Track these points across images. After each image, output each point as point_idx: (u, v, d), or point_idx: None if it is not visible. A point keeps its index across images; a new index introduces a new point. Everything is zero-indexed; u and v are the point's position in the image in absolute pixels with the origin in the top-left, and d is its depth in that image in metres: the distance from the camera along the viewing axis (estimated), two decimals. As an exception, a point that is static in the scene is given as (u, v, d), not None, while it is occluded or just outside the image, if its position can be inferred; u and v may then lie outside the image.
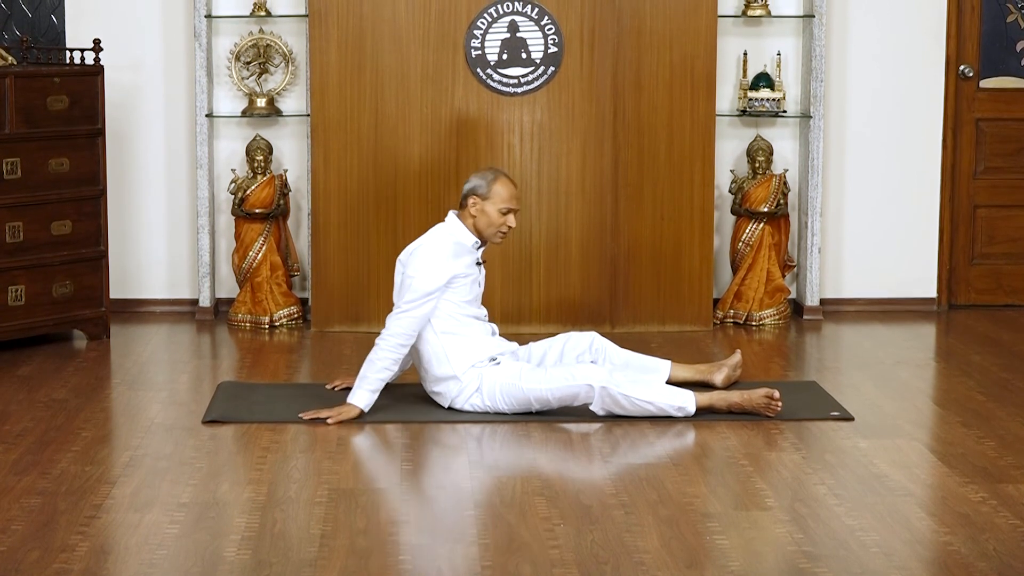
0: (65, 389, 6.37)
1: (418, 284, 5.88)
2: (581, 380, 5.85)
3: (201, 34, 7.53)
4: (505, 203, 6.01)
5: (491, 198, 6.01)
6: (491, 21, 7.41)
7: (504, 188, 6.03)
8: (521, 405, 5.93)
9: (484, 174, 6.08)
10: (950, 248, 8.02)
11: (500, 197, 6.02)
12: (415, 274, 5.90)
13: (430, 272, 5.90)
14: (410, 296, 5.89)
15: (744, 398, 5.93)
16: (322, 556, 4.48)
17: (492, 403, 5.93)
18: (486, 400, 5.93)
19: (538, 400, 5.91)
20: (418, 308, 5.88)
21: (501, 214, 6.01)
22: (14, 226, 6.89)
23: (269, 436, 5.69)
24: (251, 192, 7.54)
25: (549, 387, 5.87)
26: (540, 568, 4.40)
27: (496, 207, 6.01)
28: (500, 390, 5.91)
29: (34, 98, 6.91)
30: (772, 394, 5.91)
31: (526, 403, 5.92)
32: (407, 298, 5.89)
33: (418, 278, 5.89)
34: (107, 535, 4.67)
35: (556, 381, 5.87)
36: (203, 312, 7.69)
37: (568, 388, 5.86)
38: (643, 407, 5.86)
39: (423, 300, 5.88)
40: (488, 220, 6.02)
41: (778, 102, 7.68)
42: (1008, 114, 7.99)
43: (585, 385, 5.85)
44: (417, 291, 5.88)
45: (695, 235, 7.53)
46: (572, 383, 5.86)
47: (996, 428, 5.86)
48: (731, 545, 4.59)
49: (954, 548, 4.58)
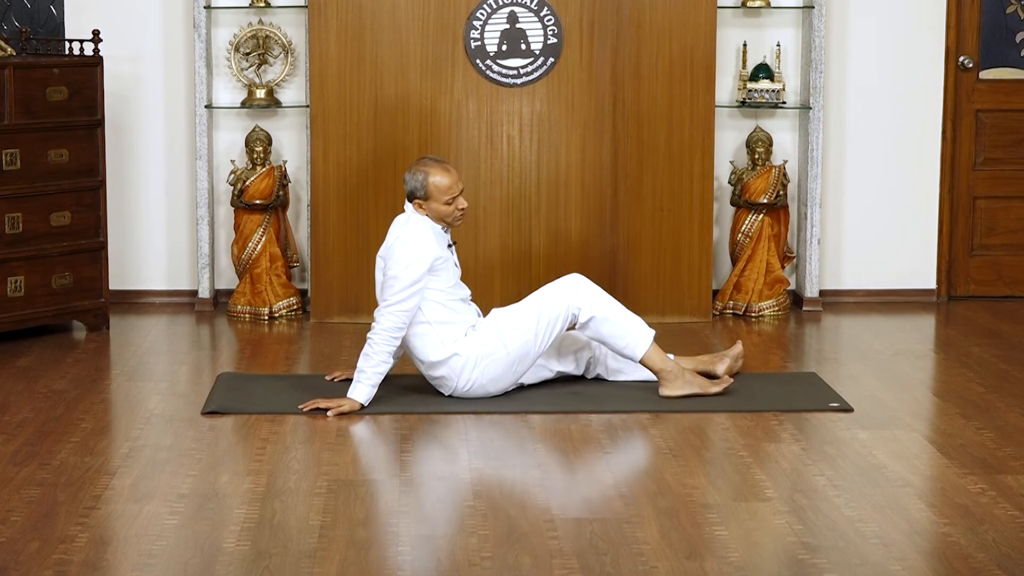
0: (64, 380, 6.37)
1: (404, 275, 5.87)
2: (558, 282, 6.05)
3: (200, 25, 7.53)
4: (445, 195, 5.94)
5: (432, 196, 5.95)
6: (490, 12, 7.40)
7: (440, 180, 5.94)
8: (523, 342, 5.98)
9: (415, 174, 5.97)
10: (949, 239, 8.02)
11: (440, 191, 5.94)
12: (399, 266, 5.89)
13: (413, 261, 5.88)
14: (399, 287, 5.88)
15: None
16: (321, 547, 4.48)
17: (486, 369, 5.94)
18: (482, 370, 5.93)
19: (531, 325, 5.99)
20: (408, 299, 5.87)
21: (447, 205, 5.97)
22: (13, 217, 6.89)
23: (268, 427, 5.69)
24: (250, 183, 7.53)
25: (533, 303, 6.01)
26: (539, 559, 4.40)
27: (440, 202, 5.95)
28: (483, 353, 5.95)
29: (33, 89, 6.91)
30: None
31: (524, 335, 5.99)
32: (396, 289, 5.88)
33: (402, 269, 5.88)
34: (107, 526, 4.67)
35: (535, 297, 6.05)
36: (202, 303, 7.69)
37: (551, 292, 6.02)
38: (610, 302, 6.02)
39: (411, 290, 5.87)
40: (438, 214, 5.99)
41: (778, 93, 7.68)
42: (1008, 105, 7.98)
43: (563, 281, 6.03)
44: (404, 281, 5.87)
45: (694, 226, 7.53)
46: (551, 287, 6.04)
47: (995, 419, 5.86)
48: (730, 536, 4.59)
49: (953, 539, 4.58)
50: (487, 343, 5.96)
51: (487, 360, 5.95)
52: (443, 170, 5.97)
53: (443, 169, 5.97)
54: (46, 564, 4.34)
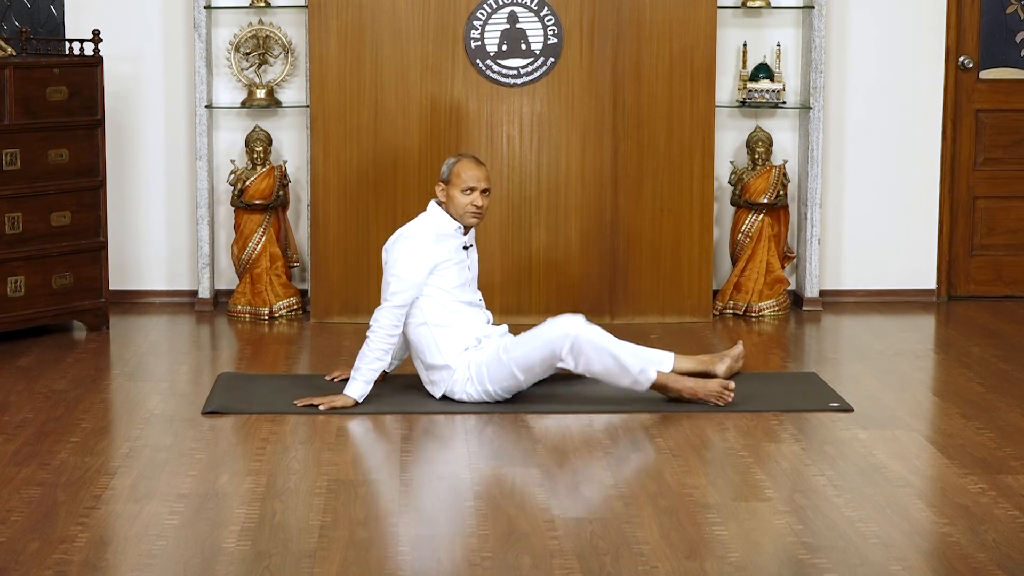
0: (65, 380, 6.37)
1: (401, 274, 5.90)
2: (558, 331, 5.87)
3: (200, 25, 7.53)
4: (465, 183, 5.99)
5: (452, 181, 6.02)
6: (491, 12, 7.40)
7: (465, 169, 6.02)
8: (508, 378, 5.91)
9: (449, 160, 6.11)
10: (950, 239, 8.02)
11: (460, 179, 6.01)
12: (397, 265, 5.93)
13: (411, 262, 5.91)
14: (394, 287, 5.90)
15: (699, 385, 5.95)
16: (321, 547, 4.48)
17: (483, 386, 5.93)
18: (477, 386, 5.93)
19: (520, 367, 5.89)
20: (402, 299, 5.89)
21: (464, 195, 6.00)
22: (13, 217, 6.89)
23: (268, 427, 5.69)
24: (250, 183, 7.54)
25: (527, 348, 5.90)
26: (539, 559, 4.40)
27: (458, 189, 6.00)
28: (487, 370, 5.91)
29: (33, 89, 6.91)
30: (727, 385, 5.94)
31: (511, 375, 5.91)
32: (392, 289, 5.91)
33: (400, 269, 5.91)
34: (106, 526, 4.67)
35: (533, 340, 5.91)
36: (202, 303, 7.69)
37: (546, 344, 5.88)
38: (606, 359, 5.87)
39: (407, 290, 5.89)
40: (455, 203, 6.02)
41: (778, 93, 7.68)
42: (1008, 105, 7.98)
43: (562, 334, 5.86)
44: (400, 281, 5.89)
45: (695, 226, 7.53)
46: (549, 336, 5.88)
47: (995, 419, 5.86)
48: (730, 536, 4.59)
49: (953, 539, 4.58)
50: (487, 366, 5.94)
51: (484, 380, 5.94)
52: (474, 163, 6.07)
53: (475, 163, 6.07)
54: (46, 564, 4.34)
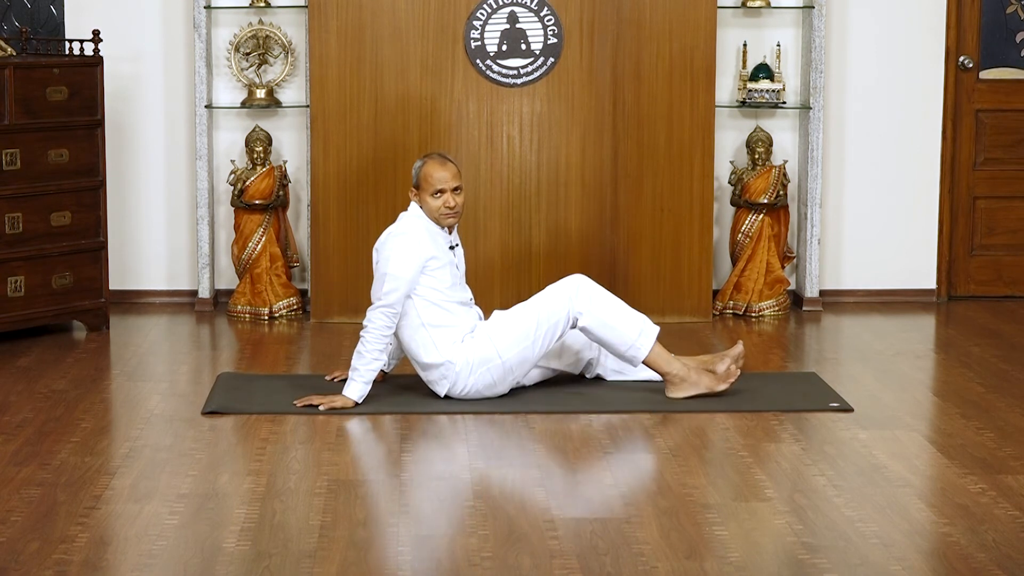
0: (65, 380, 6.37)
1: (394, 271, 5.87)
2: (562, 282, 5.98)
3: (200, 25, 7.53)
4: (434, 187, 5.94)
5: (422, 186, 5.97)
6: (491, 12, 7.40)
7: (432, 172, 5.95)
8: (522, 339, 5.94)
9: (416, 163, 6.03)
10: (950, 239, 8.02)
11: (428, 183, 5.95)
12: (389, 263, 5.89)
13: (403, 259, 5.88)
14: (388, 286, 5.88)
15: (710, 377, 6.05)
16: (321, 547, 4.48)
17: (492, 363, 5.92)
18: (478, 377, 5.92)
19: (534, 325, 5.93)
20: (395, 297, 5.87)
21: (435, 198, 5.95)
22: (13, 217, 6.89)
23: (268, 427, 5.69)
24: (250, 183, 7.54)
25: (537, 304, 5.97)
26: (539, 559, 4.40)
27: (428, 193, 5.95)
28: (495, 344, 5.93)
29: (33, 89, 6.91)
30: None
31: (525, 335, 5.93)
32: (385, 288, 5.88)
33: (392, 266, 5.88)
34: (106, 526, 4.67)
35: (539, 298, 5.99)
36: (202, 303, 7.69)
37: (555, 293, 5.97)
38: (614, 302, 5.96)
39: (399, 288, 5.87)
40: (428, 207, 5.98)
41: (778, 93, 7.68)
42: (1008, 105, 7.98)
43: (567, 279, 5.97)
44: (394, 279, 5.87)
45: (694, 226, 7.53)
46: (554, 287, 5.98)
47: (995, 419, 5.86)
48: (730, 536, 4.59)
49: (953, 539, 4.58)
50: (482, 351, 5.93)
51: (483, 368, 5.94)
52: (440, 164, 5.97)
53: (440, 163, 5.97)
54: (46, 564, 4.34)
